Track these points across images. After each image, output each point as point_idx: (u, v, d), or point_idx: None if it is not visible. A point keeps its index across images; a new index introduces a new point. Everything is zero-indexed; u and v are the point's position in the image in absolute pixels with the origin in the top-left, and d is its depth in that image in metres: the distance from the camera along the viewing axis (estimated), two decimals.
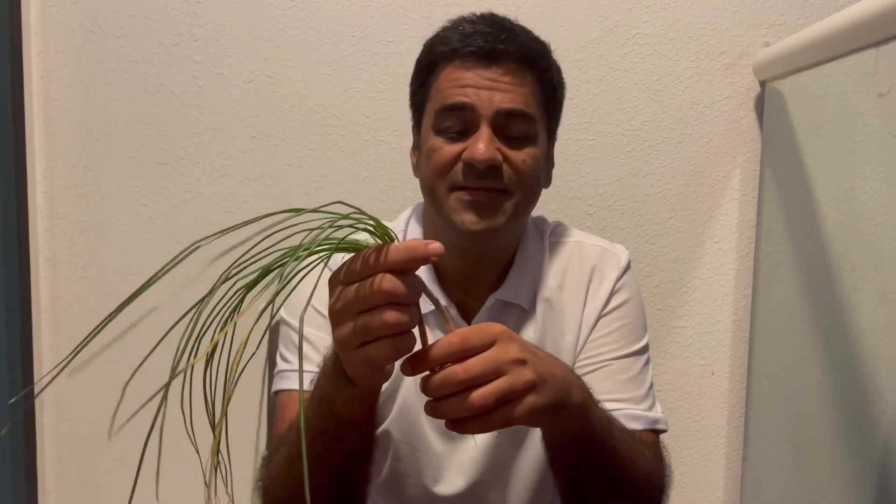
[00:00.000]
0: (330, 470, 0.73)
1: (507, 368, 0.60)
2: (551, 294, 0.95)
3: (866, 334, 1.16)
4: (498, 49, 0.84)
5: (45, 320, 1.42)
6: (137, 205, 1.40)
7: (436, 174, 0.86)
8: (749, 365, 1.43)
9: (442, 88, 0.87)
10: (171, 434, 0.67)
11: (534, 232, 0.99)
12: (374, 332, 0.57)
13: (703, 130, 1.39)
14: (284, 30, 1.36)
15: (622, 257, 0.98)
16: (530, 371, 0.62)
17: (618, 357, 0.93)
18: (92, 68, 1.37)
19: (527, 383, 0.61)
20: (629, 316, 0.96)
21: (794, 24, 1.37)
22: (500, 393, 0.59)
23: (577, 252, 0.98)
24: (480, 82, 0.84)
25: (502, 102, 0.84)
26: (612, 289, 0.96)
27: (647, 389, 0.93)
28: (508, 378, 0.60)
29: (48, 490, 1.45)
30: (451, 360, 0.60)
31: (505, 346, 0.61)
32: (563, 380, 0.68)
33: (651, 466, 0.84)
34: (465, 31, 0.86)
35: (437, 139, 0.86)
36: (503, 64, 0.85)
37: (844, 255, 1.21)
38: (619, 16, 1.37)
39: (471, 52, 0.85)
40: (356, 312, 0.57)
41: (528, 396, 0.61)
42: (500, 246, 0.94)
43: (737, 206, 1.41)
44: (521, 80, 0.85)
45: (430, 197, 0.89)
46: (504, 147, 0.85)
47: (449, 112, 0.85)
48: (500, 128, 0.85)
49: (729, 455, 1.47)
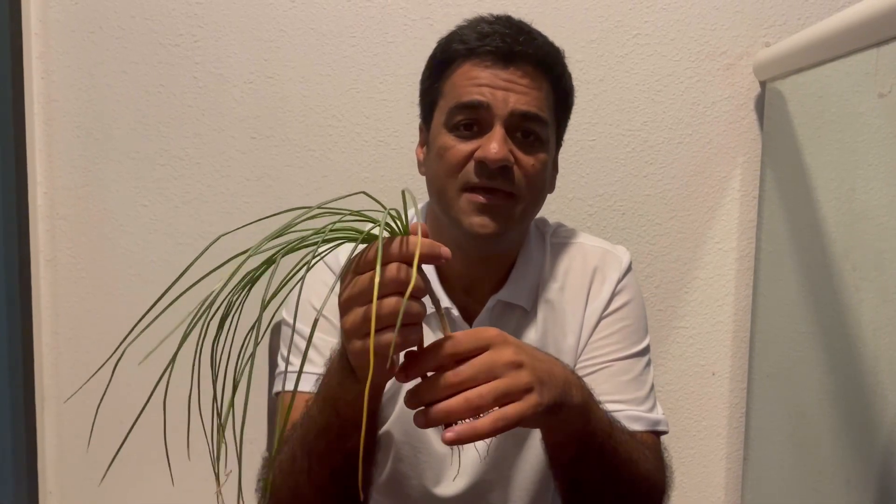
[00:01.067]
0: (332, 468, 0.73)
1: (501, 372, 0.60)
2: (553, 295, 0.95)
3: (867, 334, 1.16)
4: (516, 50, 0.84)
5: (46, 321, 1.42)
6: (138, 205, 1.40)
7: (447, 173, 0.85)
8: (750, 365, 1.43)
9: (457, 85, 0.86)
10: (173, 433, 0.67)
11: (535, 233, 0.99)
12: (385, 319, 0.57)
13: (703, 131, 1.39)
14: (285, 31, 1.36)
15: (623, 258, 0.98)
16: (527, 373, 0.61)
17: (619, 358, 0.93)
18: (92, 69, 1.37)
19: (524, 385, 0.61)
20: (630, 317, 0.95)
21: (794, 24, 1.37)
22: (497, 393, 0.59)
23: (578, 253, 0.98)
24: (497, 82, 0.84)
25: (517, 104, 0.83)
26: (614, 290, 0.95)
27: (648, 391, 0.93)
28: (505, 380, 0.60)
29: (49, 490, 1.45)
30: (443, 363, 0.60)
31: (499, 349, 0.61)
32: (563, 380, 0.67)
33: (651, 467, 0.84)
34: (483, 31, 0.86)
35: (448, 137, 0.86)
36: (520, 66, 0.84)
37: (845, 255, 1.21)
38: (619, 16, 1.37)
39: (488, 51, 0.84)
40: (369, 300, 0.57)
41: (527, 397, 0.61)
42: (504, 249, 0.94)
43: (737, 206, 1.41)
44: (537, 84, 0.85)
45: (438, 195, 0.88)
46: (516, 150, 0.84)
47: (463, 109, 0.85)
48: (513, 129, 0.84)
49: (730, 455, 1.47)
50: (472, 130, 0.85)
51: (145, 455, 1.47)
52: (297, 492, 0.76)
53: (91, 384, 1.43)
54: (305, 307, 0.92)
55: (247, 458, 0.82)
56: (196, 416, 0.61)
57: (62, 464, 1.45)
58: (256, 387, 0.63)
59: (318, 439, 0.72)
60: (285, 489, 0.77)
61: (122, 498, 1.46)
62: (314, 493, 0.75)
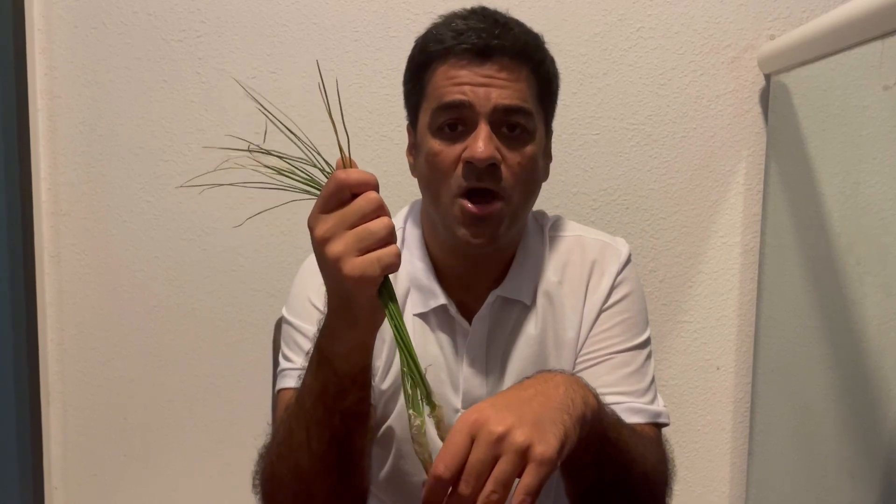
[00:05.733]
0: (331, 432, 0.73)
1: (498, 450, 0.59)
2: (552, 289, 0.95)
3: (872, 328, 1.16)
4: (492, 45, 0.84)
5: (51, 316, 1.42)
6: (141, 201, 1.40)
7: (439, 179, 0.86)
8: (754, 359, 1.43)
9: (438, 87, 0.86)
10: (174, 433, 0.68)
11: (534, 226, 0.99)
12: (374, 234, 0.62)
13: (707, 124, 1.39)
14: (287, 25, 1.36)
15: (623, 251, 0.98)
16: (520, 433, 0.60)
17: (619, 351, 0.92)
18: (95, 65, 1.37)
19: (522, 447, 0.59)
20: (630, 310, 0.95)
21: (799, 16, 1.36)
22: (504, 477, 0.58)
23: (577, 246, 0.98)
24: (476, 79, 0.83)
25: (499, 99, 0.83)
26: (613, 283, 0.95)
27: (649, 383, 0.93)
28: (504, 458, 0.59)
29: (54, 486, 1.46)
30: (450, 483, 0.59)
31: (483, 431, 0.60)
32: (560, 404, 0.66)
33: (655, 461, 0.84)
34: (457, 28, 0.85)
35: (435, 141, 0.86)
36: (498, 60, 0.84)
37: (850, 249, 1.21)
38: (623, 10, 1.36)
39: (465, 49, 0.84)
40: (349, 226, 0.62)
41: (533, 452, 0.59)
42: (502, 246, 0.93)
43: (742, 200, 1.41)
44: (516, 76, 0.85)
45: (432, 201, 0.89)
46: (503, 147, 0.84)
47: (446, 110, 0.84)
48: (498, 125, 0.84)
49: (735, 450, 1.47)
50: (457, 130, 0.85)
51: (149, 451, 1.47)
52: (298, 469, 0.75)
53: (96, 380, 1.44)
54: (301, 301, 0.92)
55: (252, 454, 0.82)
56: (198, 414, 0.61)
57: (67, 459, 1.46)
58: (260, 384, 0.63)
59: (315, 406, 0.72)
60: (285, 470, 0.77)
61: (126, 493, 1.46)
62: (315, 463, 0.74)
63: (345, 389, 0.71)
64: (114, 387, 1.44)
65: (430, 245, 0.95)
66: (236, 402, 1.41)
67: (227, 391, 1.40)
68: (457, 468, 0.59)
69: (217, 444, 1.41)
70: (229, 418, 1.41)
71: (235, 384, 1.40)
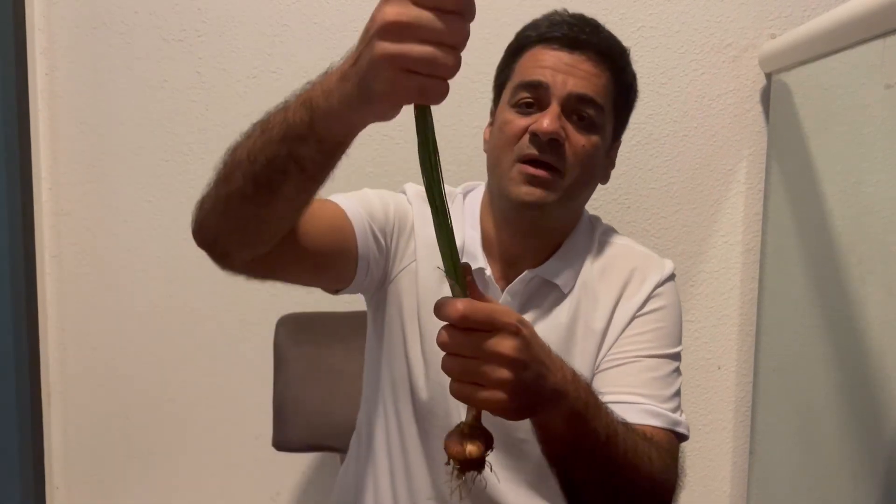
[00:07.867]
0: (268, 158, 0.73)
1: (488, 358, 0.61)
2: (590, 280, 0.97)
3: (873, 328, 1.16)
4: (581, 38, 0.91)
5: (51, 317, 1.42)
6: (142, 201, 1.40)
7: (505, 144, 0.92)
8: (756, 359, 1.43)
9: (524, 67, 0.93)
10: (175, 432, 0.68)
11: (586, 226, 1.02)
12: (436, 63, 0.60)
13: (708, 123, 1.38)
14: (288, 25, 1.36)
15: (667, 266, 1.00)
16: (508, 372, 0.62)
17: (649, 356, 0.93)
18: (96, 65, 1.37)
19: (498, 382, 0.62)
20: (666, 321, 0.96)
21: (800, 15, 1.36)
22: (463, 373, 0.62)
23: (622, 253, 1.01)
24: (559, 65, 0.90)
25: (575, 87, 0.89)
26: (651, 292, 0.96)
27: (673, 393, 0.93)
28: (485, 368, 0.61)
29: (56, 486, 1.46)
30: (451, 318, 0.61)
31: (501, 339, 0.62)
32: (552, 391, 0.67)
33: (660, 467, 0.83)
34: (554, 20, 0.94)
35: (510, 112, 0.92)
36: (583, 52, 0.91)
37: (851, 249, 1.20)
38: (623, 8, 1.36)
39: (556, 37, 0.91)
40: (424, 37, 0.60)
41: (495, 392, 0.62)
42: (550, 225, 0.96)
43: (743, 199, 1.40)
44: (597, 72, 0.91)
45: (493, 165, 0.95)
46: (569, 127, 0.90)
47: (525, 88, 0.91)
48: (570, 111, 0.90)
49: (736, 449, 1.46)
50: (532, 108, 0.91)
51: (150, 450, 1.47)
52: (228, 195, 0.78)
53: (97, 380, 1.44)
54: (366, 192, 0.97)
55: (254, 452, 0.82)
56: (199, 413, 0.61)
57: (68, 459, 1.46)
58: (261, 384, 0.63)
59: (269, 131, 0.73)
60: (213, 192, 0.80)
61: (127, 492, 1.46)
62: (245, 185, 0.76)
63: (306, 137, 0.70)
64: (115, 386, 1.44)
65: (483, 219, 1.00)
66: (237, 401, 1.41)
67: (227, 390, 1.40)
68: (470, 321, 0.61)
69: (218, 443, 1.41)
70: (230, 417, 1.40)
71: (236, 383, 1.40)
